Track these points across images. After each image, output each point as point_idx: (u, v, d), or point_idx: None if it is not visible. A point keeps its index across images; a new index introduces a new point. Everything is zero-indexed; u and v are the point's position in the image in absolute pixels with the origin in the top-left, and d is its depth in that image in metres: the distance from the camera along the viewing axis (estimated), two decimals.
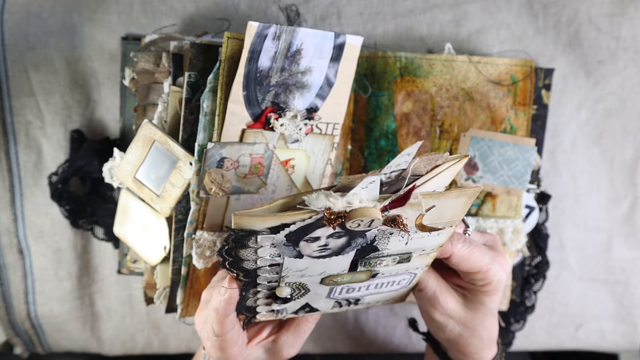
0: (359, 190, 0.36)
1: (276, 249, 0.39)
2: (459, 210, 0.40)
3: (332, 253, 0.40)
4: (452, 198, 0.38)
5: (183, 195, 0.54)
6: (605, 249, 0.71)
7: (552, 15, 0.65)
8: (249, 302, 0.47)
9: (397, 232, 0.40)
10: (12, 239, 0.68)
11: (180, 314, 0.58)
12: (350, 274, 0.44)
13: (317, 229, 0.37)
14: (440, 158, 0.38)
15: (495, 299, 0.49)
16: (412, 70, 0.62)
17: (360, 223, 0.36)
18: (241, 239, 0.38)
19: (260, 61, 0.48)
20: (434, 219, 0.39)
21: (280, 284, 0.45)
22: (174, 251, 0.56)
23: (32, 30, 0.63)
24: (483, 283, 0.48)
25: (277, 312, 0.49)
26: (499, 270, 0.48)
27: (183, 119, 0.53)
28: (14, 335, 0.72)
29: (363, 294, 0.49)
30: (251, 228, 0.37)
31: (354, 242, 0.39)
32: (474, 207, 0.65)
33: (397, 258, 0.43)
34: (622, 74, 0.66)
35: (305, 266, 0.42)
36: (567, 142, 0.68)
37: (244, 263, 0.41)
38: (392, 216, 0.37)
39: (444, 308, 0.49)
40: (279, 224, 0.36)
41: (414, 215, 0.38)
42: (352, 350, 0.75)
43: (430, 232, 0.40)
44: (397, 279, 0.47)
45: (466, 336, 0.50)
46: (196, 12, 0.64)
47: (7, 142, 0.65)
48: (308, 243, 0.38)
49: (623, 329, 0.74)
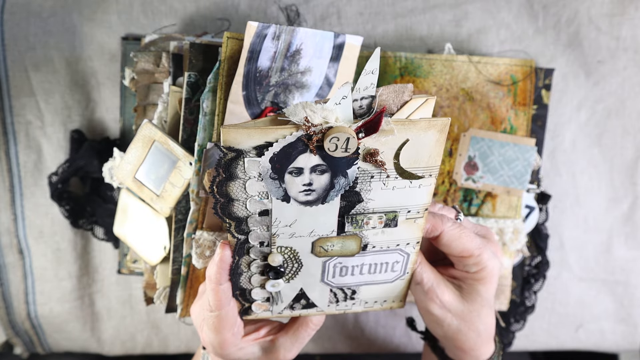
0: (332, 105, 0.38)
1: (263, 185, 0.41)
2: (433, 151, 0.41)
3: (317, 198, 0.42)
4: (422, 130, 0.40)
5: (183, 195, 0.54)
6: (605, 249, 0.71)
7: (552, 15, 0.65)
8: (243, 281, 0.47)
9: (378, 177, 0.41)
10: (12, 239, 0.68)
11: (180, 313, 0.58)
12: (340, 240, 0.45)
13: (300, 156, 0.39)
14: (406, 90, 0.41)
15: (491, 289, 0.49)
16: (412, 70, 0.62)
17: (337, 143, 0.38)
18: (230, 164, 0.40)
19: (259, 61, 0.48)
20: (410, 160, 0.41)
21: (272, 249, 0.45)
22: (174, 251, 0.56)
23: (32, 30, 0.63)
24: (477, 269, 0.48)
25: (273, 300, 0.48)
26: (491, 256, 0.48)
27: (183, 119, 0.53)
28: (14, 335, 0.72)
29: (358, 281, 0.48)
30: (238, 147, 0.39)
31: (337, 183, 0.41)
32: (474, 207, 0.65)
33: (383, 217, 0.44)
34: (622, 74, 0.66)
35: (294, 218, 0.43)
36: (567, 142, 0.68)
37: (235, 207, 0.42)
38: (370, 149, 0.40)
39: (441, 301, 0.49)
40: (263, 142, 0.39)
41: (391, 154, 0.40)
42: (352, 350, 0.75)
43: (411, 182, 0.42)
44: (389, 260, 0.47)
45: (464, 330, 0.50)
46: (196, 12, 0.64)
47: (7, 142, 0.66)
48: (292, 177, 0.40)
49: (623, 329, 0.74)
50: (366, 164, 0.41)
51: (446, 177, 0.64)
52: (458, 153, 0.63)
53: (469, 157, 0.64)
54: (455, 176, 0.64)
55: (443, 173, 0.64)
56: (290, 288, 0.48)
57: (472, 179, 0.64)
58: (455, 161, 0.64)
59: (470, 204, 0.65)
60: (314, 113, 0.38)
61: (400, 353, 0.75)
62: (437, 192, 0.64)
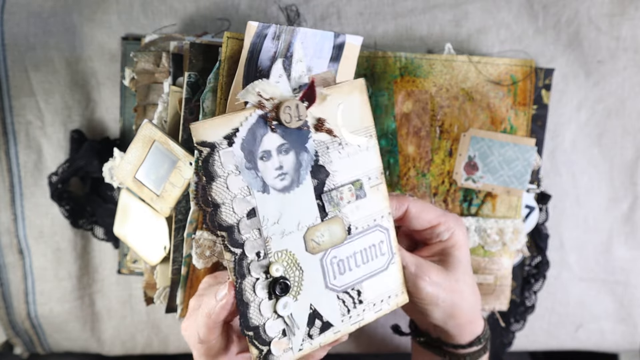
0: (274, 82, 0.44)
1: (242, 179, 0.43)
2: (363, 111, 0.48)
3: (292, 181, 0.45)
4: (348, 93, 0.47)
5: (183, 195, 0.54)
6: (605, 249, 0.71)
7: (552, 15, 0.65)
8: (253, 315, 0.45)
9: (332, 146, 0.47)
10: (12, 239, 0.68)
11: (180, 313, 0.58)
12: (326, 226, 0.47)
13: (264, 137, 0.44)
14: (331, 76, 0.48)
15: (465, 252, 0.54)
16: (412, 70, 0.62)
17: (290, 113, 0.44)
18: (207, 162, 0.42)
19: (260, 61, 0.48)
20: (349, 125, 0.47)
21: (270, 259, 0.45)
22: (174, 251, 0.56)
23: (32, 30, 0.63)
24: (449, 234, 0.53)
25: (290, 331, 0.46)
26: (456, 221, 0.53)
27: (183, 119, 0.53)
28: (14, 335, 0.72)
29: (357, 277, 0.49)
30: (210, 140, 0.42)
31: (302, 160, 0.45)
32: (474, 207, 0.65)
33: (352, 188, 0.48)
34: (622, 74, 0.66)
35: (278, 212, 0.45)
36: (567, 142, 0.68)
37: (223, 213, 0.43)
38: (317, 117, 0.46)
39: (430, 278, 0.51)
40: (230, 130, 0.42)
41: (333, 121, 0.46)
42: (352, 350, 0.75)
43: (359, 145, 0.48)
44: (374, 241, 0.49)
45: (458, 302, 0.52)
46: (196, 12, 0.64)
47: (7, 142, 0.66)
48: (264, 162, 0.44)
49: (623, 329, 0.74)
50: (319, 134, 0.46)
51: (446, 177, 0.64)
52: (458, 153, 0.64)
53: (469, 157, 0.64)
54: (455, 176, 0.64)
55: (443, 173, 0.64)
56: (300, 307, 0.47)
57: (472, 179, 0.64)
58: (455, 161, 0.64)
59: (470, 204, 0.65)
60: (264, 90, 0.43)
61: (400, 353, 0.75)
62: (437, 192, 0.64)
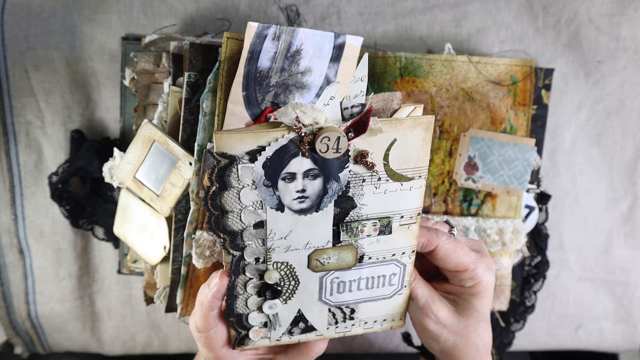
0: (321, 105, 0.40)
1: (257, 194, 0.41)
2: (421, 150, 0.42)
3: (311, 206, 0.42)
4: (408, 129, 0.41)
5: (183, 195, 0.54)
6: (604, 249, 0.71)
7: (552, 15, 0.65)
8: (239, 306, 0.46)
9: (369, 180, 0.42)
10: (12, 239, 0.68)
11: (180, 313, 0.58)
12: (335, 251, 0.45)
13: (292, 160, 0.40)
14: (395, 98, 0.44)
15: (487, 303, 0.49)
16: (412, 70, 0.62)
17: (328, 144, 0.39)
18: (223, 172, 0.40)
19: (259, 61, 0.48)
20: (399, 161, 0.42)
21: (268, 266, 0.44)
22: (174, 251, 0.56)
23: (32, 30, 0.63)
24: (472, 283, 0.48)
25: (271, 325, 0.48)
26: (486, 270, 0.48)
27: (183, 119, 0.53)
28: (14, 335, 0.72)
29: (356, 298, 0.48)
30: (231, 152, 0.39)
31: (330, 188, 0.42)
32: (474, 207, 0.65)
33: (377, 224, 0.44)
34: (622, 74, 0.66)
35: (289, 229, 0.43)
36: (567, 142, 0.68)
37: (229, 219, 0.42)
38: (360, 150, 0.41)
39: (436, 316, 0.48)
40: (256, 147, 0.39)
41: (380, 155, 0.41)
42: (352, 350, 0.75)
43: (402, 184, 0.43)
44: (386, 272, 0.47)
45: (461, 346, 0.50)
46: (196, 12, 0.64)
47: (7, 142, 0.66)
48: (286, 183, 0.41)
49: (623, 329, 0.74)
50: (357, 167, 0.42)
51: (446, 177, 0.64)
52: (458, 153, 0.64)
53: (468, 157, 0.64)
54: (455, 176, 0.64)
55: (443, 173, 0.64)
56: (287, 310, 0.47)
57: (472, 179, 0.64)
58: (455, 161, 0.64)
59: (470, 204, 0.65)
60: (304, 114, 0.39)
61: (400, 353, 0.75)
62: (437, 192, 0.64)
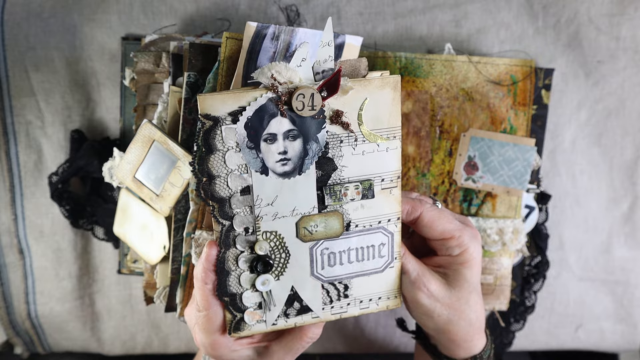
0: (294, 66, 0.42)
1: (242, 156, 0.43)
2: (392, 109, 0.44)
3: (294, 168, 0.44)
4: (377, 88, 0.44)
5: (182, 195, 0.54)
6: (605, 249, 0.71)
7: (552, 15, 0.65)
8: (232, 284, 0.47)
9: (347, 140, 0.44)
10: (13, 239, 0.68)
11: (180, 313, 0.58)
12: (322, 217, 0.46)
13: (272, 120, 0.42)
14: (362, 64, 0.45)
15: (476, 273, 0.50)
16: (412, 70, 0.62)
17: (303, 101, 0.42)
18: (208, 134, 0.42)
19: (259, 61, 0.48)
20: (372, 121, 0.44)
21: (258, 237, 0.45)
22: (174, 250, 0.56)
23: (32, 30, 0.63)
24: (459, 251, 0.49)
25: (265, 306, 0.48)
26: (472, 239, 0.49)
27: (182, 118, 0.53)
28: (14, 335, 0.72)
29: (348, 272, 0.48)
30: (215, 114, 0.42)
31: (310, 149, 0.44)
32: (474, 207, 0.65)
33: (359, 187, 0.46)
34: (622, 74, 0.66)
35: (274, 194, 0.44)
36: (567, 142, 0.68)
37: (217, 185, 0.43)
38: (334, 110, 0.43)
39: (428, 289, 0.48)
40: (237, 107, 0.42)
41: (354, 114, 0.44)
42: (352, 350, 0.75)
43: (378, 145, 0.45)
44: (374, 242, 0.48)
45: (455, 320, 0.50)
46: (196, 12, 0.64)
47: (7, 142, 0.66)
48: (268, 145, 0.43)
49: (623, 329, 0.74)
50: (334, 127, 0.44)
51: (446, 177, 0.64)
52: (458, 153, 0.64)
53: (468, 157, 0.64)
54: (455, 176, 0.64)
55: (443, 173, 0.64)
56: (281, 287, 0.48)
57: (472, 179, 0.64)
58: (455, 161, 0.64)
59: (470, 204, 0.65)
60: (279, 73, 0.42)
61: (400, 353, 0.75)
62: (437, 192, 0.64)
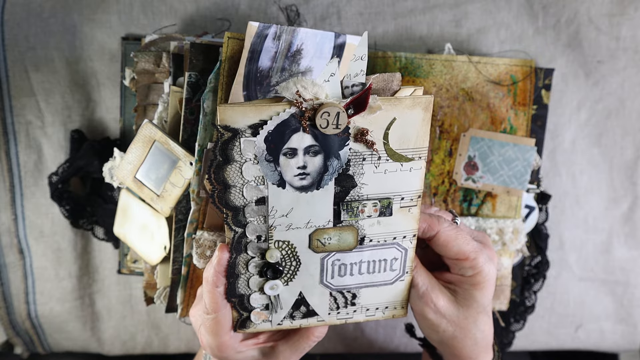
0: (321, 81, 0.41)
1: (259, 169, 0.42)
2: (420, 130, 0.43)
3: (312, 183, 0.43)
4: (408, 108, 0.42)
5: (183, 195, 0.54)
6: (605, 249, 0.71)
7: (552, 15, 0.65)
8: (241, 286, 0.47)
9: (369, 159, 0.43)
10: (13, 239, 0.68)
11: (180, 313, 0.58)
12: (336, 231, 0.45)
13: (293, 135, 0.41)
14: (395, 79, 0.44)
15: (487, 295, 0.48)
16: (412, 70, 0.62)
17: (328, 119, 0.40)
18: (226, 145, 0.41)
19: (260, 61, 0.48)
20: (399, 141, 0.43)
21: (270, 245, 0.45)
22: (174, 251, 0.56)
23: (32, 30, 0.63)
24: (472, 272, 0.47)
25: (272, 308, 0.48)
26: (487, 260, 0.47)
27: (183, 119, 0.53)
28: (14, 335, 0.72)
29: (357, 282, 0.48)
30: (234, 126, 0.40)
31: (330, 165, 0.42)
32: (474, 207, 0.65)
33: (377, 204, 0.45)
34: (622, 74, 0.66)
35: (290, 206, 0.43)
36: (567, 142, 0.68)
37: (232, 194, 0.43)
38: (360, 128, 0.42)
39: (436, 305, 0.48)
40: (258, 121, 0.40)
41: (380, 133, 0.42)
42: (353, 351, 0.75)
43: (402, 165, 0.44)
44: (387, 256, 0.47)
45: (460, 337, 0.49)
46: (196, 12, 0.64)
47: (7, 142, 0.66)
48: (287, 159, 0.42)
49: (623, 329, 0.74)
50: (357, 145, 0.42)
51: (446, 177, 0.64)
52: (458, 153, 0.64)
53: (468, 157, 0.64)
54: (455, 176, 0.64)
55: (443, 173, 0.64)
56: (289, 292, 0.48)
57: (472, 179, 0.64)
58: (455, 161, 0.64)
59: (470, 204, 0.65)
60: (305, 89, 0.40)
61: (400, 353, 0.75)
62: (437, 192, 0.64)
